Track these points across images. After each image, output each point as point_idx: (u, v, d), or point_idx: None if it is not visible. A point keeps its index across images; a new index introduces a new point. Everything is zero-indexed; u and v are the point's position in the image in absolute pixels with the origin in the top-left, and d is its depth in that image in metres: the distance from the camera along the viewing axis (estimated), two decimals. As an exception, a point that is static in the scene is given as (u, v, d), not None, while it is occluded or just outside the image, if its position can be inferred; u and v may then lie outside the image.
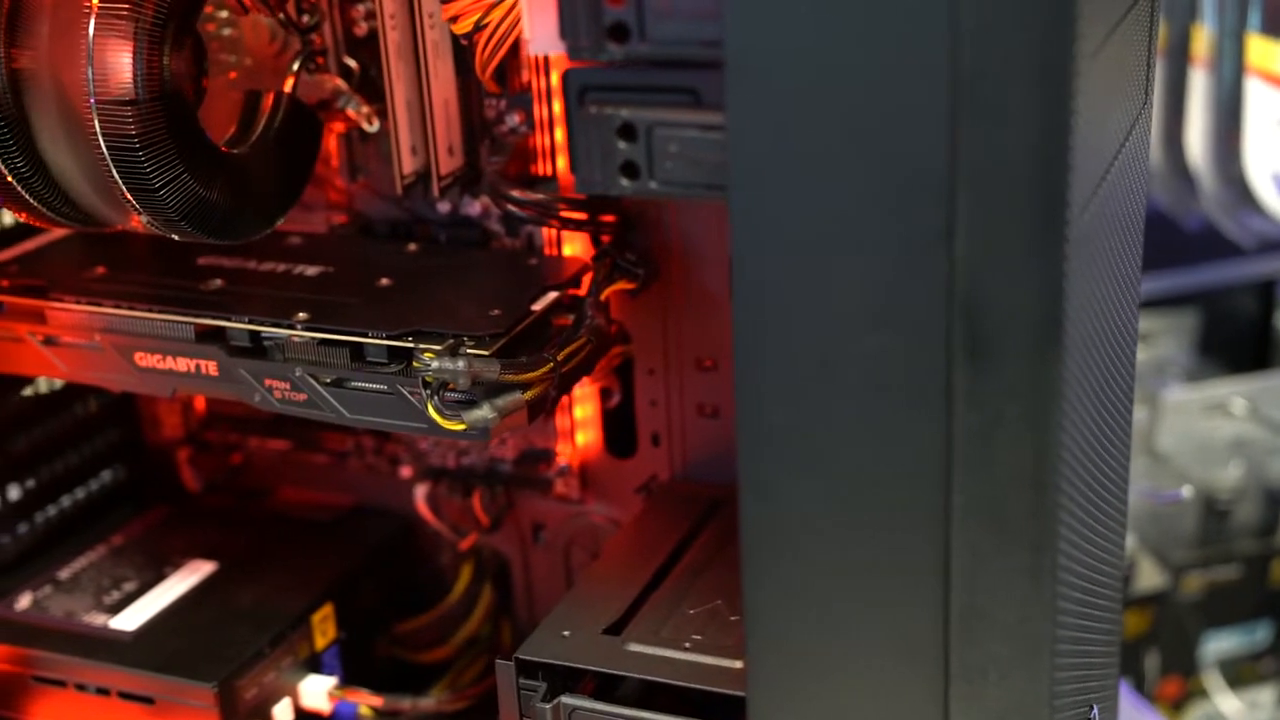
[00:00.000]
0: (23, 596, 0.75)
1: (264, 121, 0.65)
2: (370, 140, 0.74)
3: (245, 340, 0.65)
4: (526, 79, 0.69)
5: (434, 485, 0.79)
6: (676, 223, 0.69)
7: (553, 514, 0.78)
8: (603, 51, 0.47)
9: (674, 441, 0.74)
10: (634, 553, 0.67)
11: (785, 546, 0.49)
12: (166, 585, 0.76)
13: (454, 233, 0.74)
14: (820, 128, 0.44)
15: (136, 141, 0.57)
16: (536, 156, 0.70)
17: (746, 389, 0.47)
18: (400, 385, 0.61)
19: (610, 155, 0.49)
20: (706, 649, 0.59)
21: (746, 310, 0.46)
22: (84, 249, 0.74)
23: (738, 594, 0.63)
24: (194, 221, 0.60)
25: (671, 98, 0.48)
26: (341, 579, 0.77)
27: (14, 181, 0.61)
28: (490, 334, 0.61)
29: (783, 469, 0.48)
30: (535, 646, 0.60)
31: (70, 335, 0.68)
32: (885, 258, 0.44)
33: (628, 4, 0.46)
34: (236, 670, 0.68)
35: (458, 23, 0.62)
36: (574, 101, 0.49)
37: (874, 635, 0.49)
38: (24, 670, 0.71)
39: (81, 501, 0.83)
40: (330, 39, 0.71)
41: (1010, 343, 0.44)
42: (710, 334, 0.71)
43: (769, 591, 0.50)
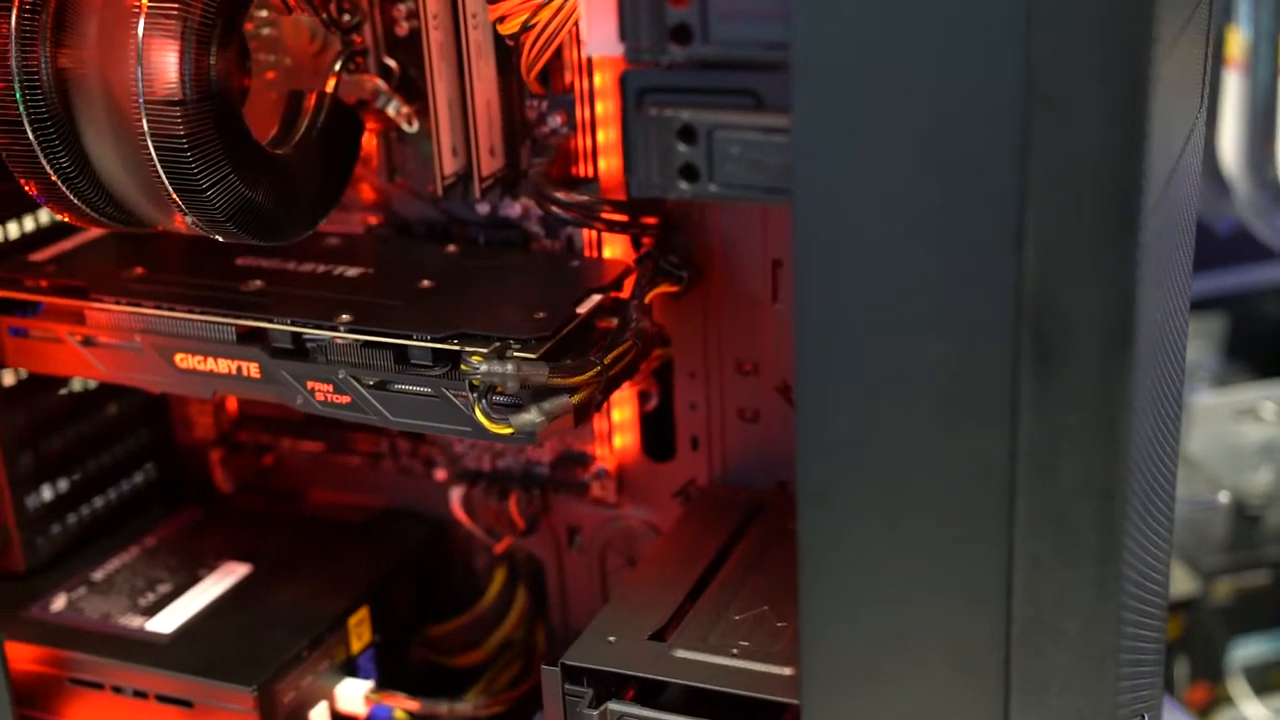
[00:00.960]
0: (57, 598, 0.75)
1: (306, 122, 0.65)
2: (408, 141, 0.74)
3: (287, 342, 0.64)
4: (569, 80, 0.69)
5: (469, 488, 0.79)
6: (718, 225, 0.69)
7: (589, 518, 0.78)
8: (664, 53, 0.47)
9: (713, 445, 0.73)
10: (676, 558, 0.67)
11: (843, 555, 0.48)
12: (202, 587, 0.75)
13: (493, 234, 0.73)
14: (888, 130, 0.43)
15: (185, 142, 0.57)
16: (578, 158, 0.70)
17: (807, 396, 0.47)
18: (445, 388, 0.61)
19: (669, 158, 0.48)
20: (755, 655, 0.59)
21: (809, 316, 0.46)
22: (120, 249, 0.73)
23: (783, 599, 0.63)
24: (239, 222, 0.60)
25: (732, 100, 0.47)
26: (377, 582, 0.76)
27: (58, 181, 0.60)
28: (536, 337, 0.61)
29: (842, 477, 0.47)
30: (581, 652, 0.60)
31: (110, 336, 0.67)
32: (952, 263, 0.44)
33: (691, 5, 0.46)
34: (275, 674, 0.68)
35: (505, 23, 0.62)
36: (632, 103, 0.49)
37: (933, 645, 0.48)
38: (60, 672, 0.70)
39: (113, 502, 0.83)
40: (370, 39, 0.70)
41: (1080, 350, 0.43)
42: (751, 337, 0.71)
43: (825, 600, 0.49)
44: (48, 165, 0.60)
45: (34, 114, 0.58)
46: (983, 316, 0.44)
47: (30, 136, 0.59)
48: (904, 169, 0.43)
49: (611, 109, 0.69)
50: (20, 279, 0.70)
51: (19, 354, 0.70)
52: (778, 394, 0.71)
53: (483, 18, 0.67)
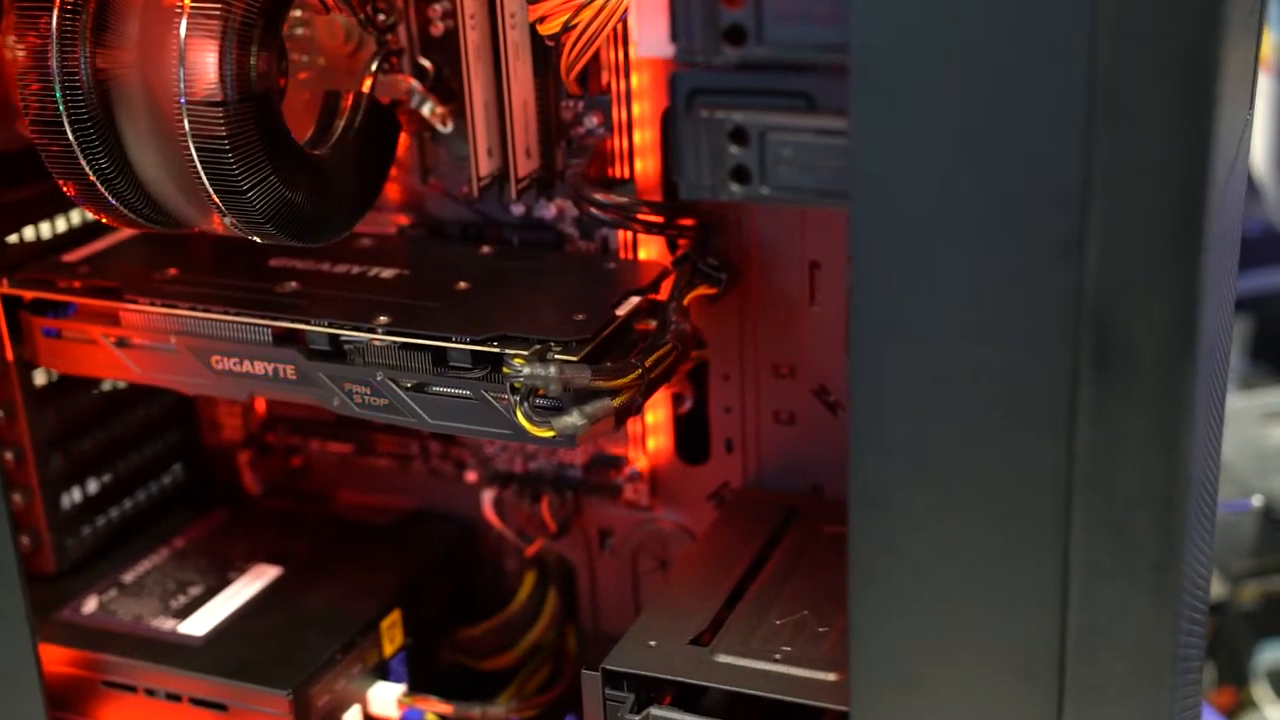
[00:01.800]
0: (89, 600, 0.74)
1: (344, 122, 0.65)
2: (441, 142, 0.73)
3: (324, 344, 0.64)
4: (606, 81, 0.68)
5: (501, 490, 0.78)
6: (755, 227, 0.68)
7: (621, 520, 0.77)
8: (717, 54, 0.46)
9: (748, 448, 0.73)
10: (714, 561, 0.66)
11: (895, 560, 0.48)
12: (233, 590, 0.75)
13: (527, 235, 0.73)
14: (948, 133, 0.43)
15: (226, 143, 0.56)
16: (614, 159, 0.69)
17: (862, 400, 0.46)
18: (485, 391, 0.61)
19: (720, 160, 0.48)
20: (798, 661, 0.58)
21: (864, 320, 0.45)
22: (152, 250, 0.73)
23: (824, 604, 0.62)
24: (279, 224, 0.60)
25: (785, 102, 0.47)
26: (408, 584, 0.76)
27: (96, 181, 0.60)
28: (577, 339, 0.60)
29: (896, 482, 0.47)
30: (622, 656, 0.59)
31: (144, 337, 0.67)
32: (1012, 267, 0.43)
33: (746, 6, 0.45)
34: (310, 677, 0.68)
35: (545, 23, 0.61)
36: (682, 105, 0.48)
37: (986, 653, 0.48)
38: (93, 675, 0.70)
39: (142, 504, 0.82)
40: (405, 39, 0.70)
41: (1141, 355, 0.43)
42: (787, 339, 0.70)
43: (876, 605, 0.49)
44: (87, 166, 0.59)
45: (74, 115, 0.58)
46: (1042, 321, 0.43)
47: (70, 137, 0.58)
48: (963, 172, 0.43)
49: (649, 110, 0.69)
50: (53, 280, 0.70)
51: (52, 355, 0.70)
52: (814, 396, 0.71)
53: (521, 17, 0.66)
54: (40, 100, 0.58)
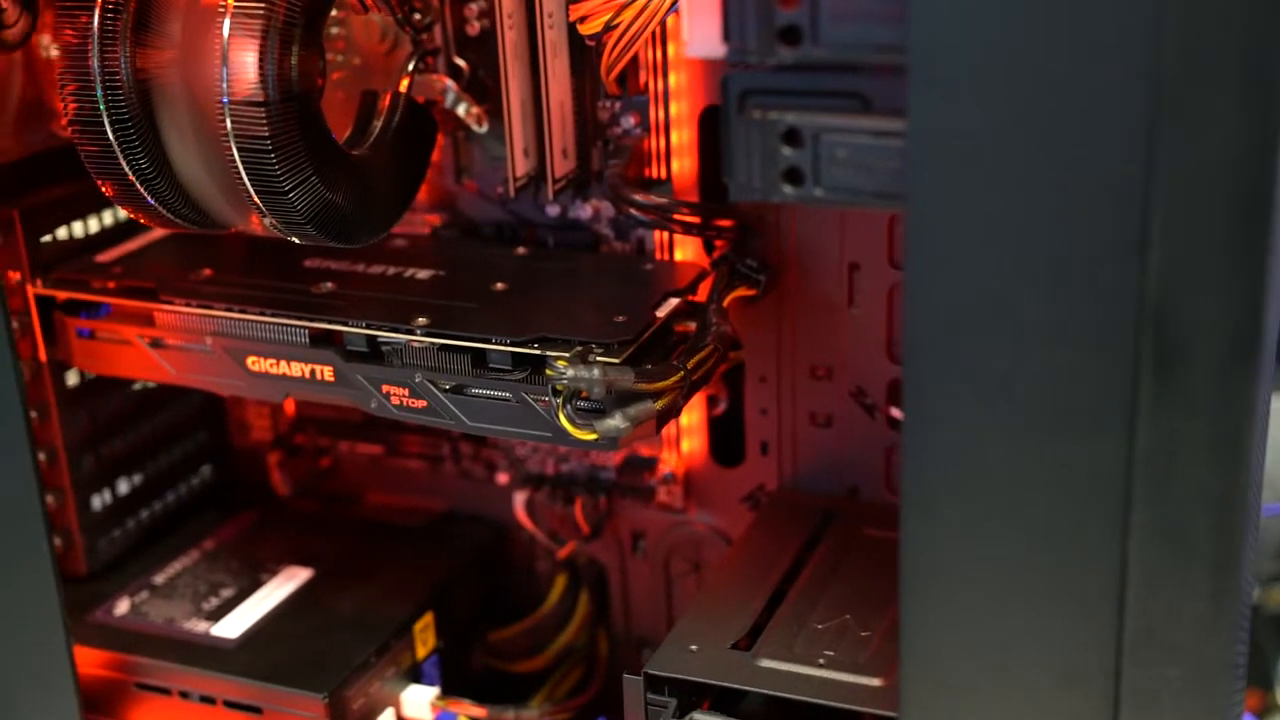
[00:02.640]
0: (120, 601, 0.74)
1: (381, 122, 0.64)
2: (475, 142, 0.73)
3: (362, 345, 0.63)
4: (644, 81, 0.68)
5: (533, 492, 0.78)
6: (794, 228, 0.68)
7: (654, 523, 0.77)
8: (772, 55, 0.46)
9: (783, 450, 0.73)
10: (752, 565, 0.66)
11: (948, 566, 0.48)
12: (264, 592, 0.74)
13: (562, 236, 0.73)
14: (1008, 133, 0.42)
15: (268, 143, 0.56)
16: (651, 159, 0.69)
17: (916, 404, 0.46)
18: (525, 393, 0.60)
19: (772, 161, 0.47)
20: (842, 666, 0.58)
21: (920, 322, 0.45)
22: (185, 250, 0.73)
23: (865, 608, 0.62)
24: (319, 224, 0.59)
25: (839, 103, 0.46)
26: (440, 587, 0.76)
27: (136, 181, 0.59)
28: (619, 341, 0.60)
29: (949, 487, 0.47)
30: (664, 661, 0.59)
31: (180, 338, 0.67)
32: (1073, 270, 0.43)
33: (802, 6, 0.45)
34: (345, 680, 0.67)
35: (586, 23, 0.61)
36: (734, 106, 0.48)
37: (1040, 658, 0.47)
38: (126, 677, 0.70)
39: (171, 505, 0.82)
40: (441, 38, 0.70)
41: (1204, 356, 0.42)
42: (825, 341, 0.70)
43: (927, 610, 0.48)
44: (126, 166, 0.59)
45: (114, 115, 0.58)
46: (1102, 323, 0.43)
47: (110, 137, 0.58)
48: (1023, 173, 0.42)
49: (686, 110, 0.68)
50: (87, 280, 0.70)
51: (86, 356, 0.70)
52: (851, 399, 0.70)
53: (559, 17, 0.66)
54: (80, 100, 0.58)
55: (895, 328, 0.68)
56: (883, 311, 0.68)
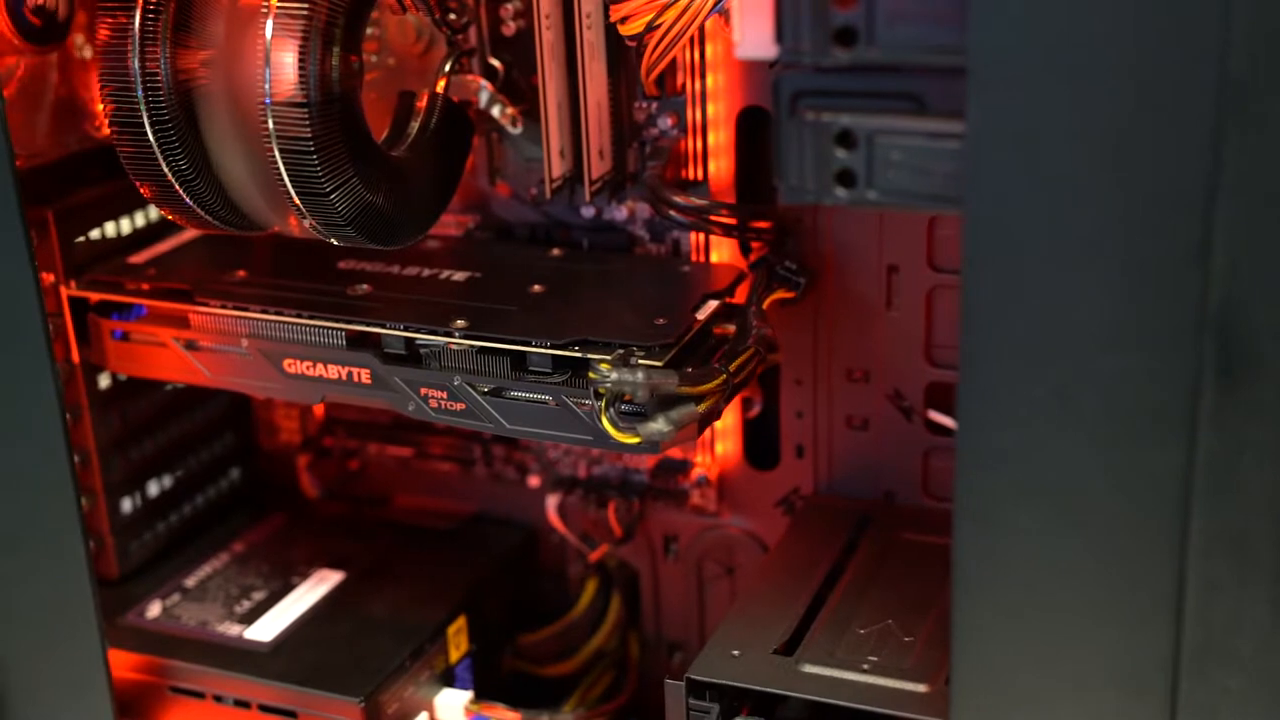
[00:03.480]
0: (152, 604, 0.74)
1: (419, 123, 0.64)
2: (509, 143, 0.72)
3: (400, 347, 0.63)
4: (681, 82, 0.67)
5: (565, 495, 0.78)
6: (831, 230, 0.68)
7: (686, 526, 0.77)
8: (827, 56, 0.45)
9: (819, 454, 0.72)
10: (791, 570, 0.65)
11: (1003, 574, 0.47)
12: (296, 595, 0.74)
13: (597, 237, 0.72)
14: (1070, 136, 0.42)
15: (310, 144, 0.55)
16: (687, 160, 0.69)
17: (971, 409, 0.45)
18: (566, 396, 0.60)
19: (825, 164, 0.47)
20: (886, 671, 0.57)
21: (978, 327, 0.44)
22: (217, 251, 0.72)
23: (907, 613, 0.61)
24: (359, 226, 0.59)
25: (893, 104, 0.46)
26: (472, 590, 0.75)
27: (175, 182, 0.59)
28: (660, 344, 0.59)
29: (1005, 494, 0.46)
30: (706, 666, 0.58)
31: (215, 340, 0.66)
32: (1134, 275, 0.42)
33: (858, 7, 0.44)
34: (380, 684, 0.67)
35: (627, 23, 0.60)
36: (785, 108, 0.47)
37: (1096, 668, 0.47)
38: (160, 680, 0.69)
39: (200, 507, 0.82)
40: (476, 38, 0.69)
41: (1266, 362, 0.42)
42: (863, 344, 0.69)
43: (981, 619, 0.48)
44: (166, 167, 0.58)
45: (154, 116, 0.57)
46: (1164, 328, 0.42)
47: (150, 138, 0.58)
48: (1085, 176, 0.42)
49: (723, 111, 0.68)
50: (121, 282, 0.69)
51: (120, 358, 0.69)
52: (888, 402, 0.70)
53: (596, 18, 0.65)
54: (120, 101, 0.58)
55: (934, 330, 0.68)
56: (921, 314, 0.67)
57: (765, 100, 0.67)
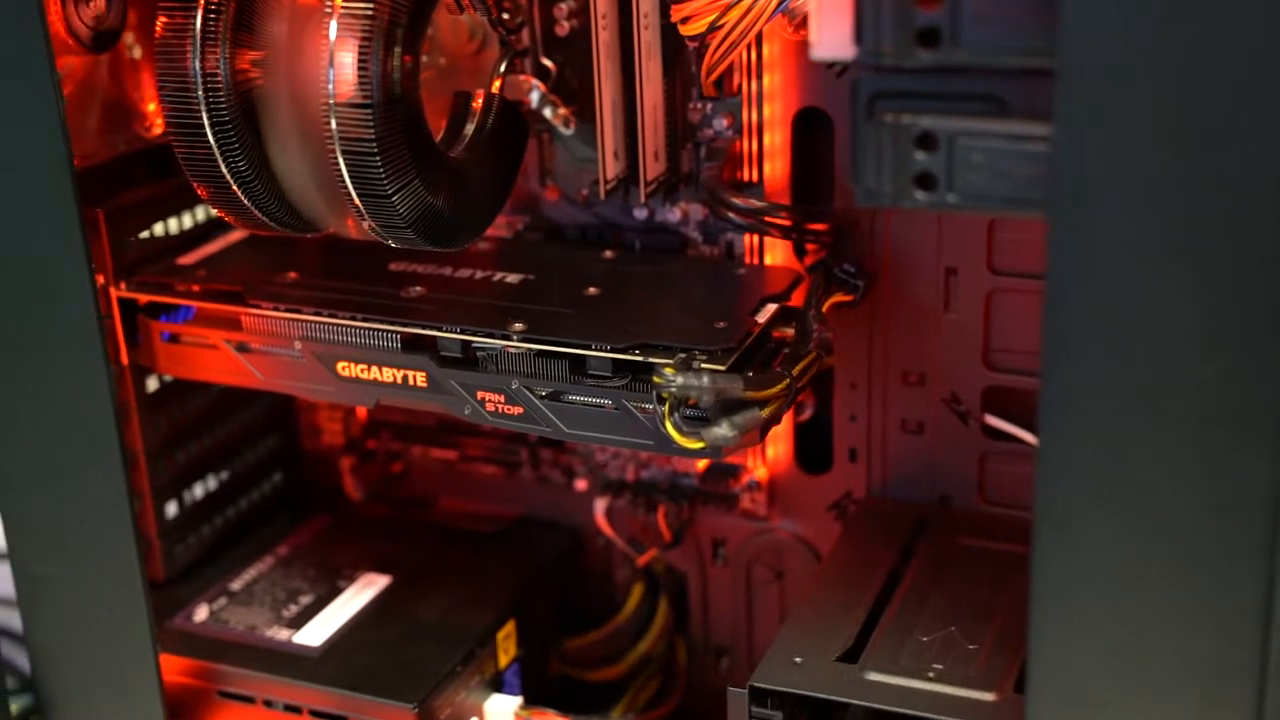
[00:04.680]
0: (199, 608, 0.73)
1: (475, 124, 0.63)
2: (560, 143, 0.72)
3: (456, 350, 0.62)
4: (737, 83, 0.67)
5: (613, 499, 0.77)
6: (889, 232, 0.67)
7: (736, 530, 0.76)
8: (909, 57, 0.45)
9: (872, 457, 0.71)
10: (849, 575, 0.65)
11: (1083, 582, 0.46)
12: (344, 599, 0.74)
13: (649, 239, 0.71)
14: (1161, 139, 0.41)
15: (374, 145, 0.55)
16: (742, 162, 0.68)
17: (1053, 415, 0.45)
18: (627, 400, 0.59)
19: (904, 166, 0.46)
20: (952, 679, 0.57)
21: (1060, 333, 0.44)
22: (265, 253, 0.72)
23: (969, 620, 0.61)
24: (419, 228, 0.58)
25: (974, 106, 0.45)
26: (520, 594, 0.74)
27: (233, 183, 0.59)
28: (722, 348, 0.59)
29: (1088, 502, 0.45)
30: (769, 674, 0.58)
31: (268, 342, 0.66)
32: (1224, 280, 0.42)
33: (943, 8, 0.44)
34: (433, 689, 0.66)
35: (689, 24, 0.60)
36: (863, 109, 0.47)
37: (1179, 679, 0.46)
38: (209, 685, 0.69)
39: (243, 510, 0.81)
40: (528, 38, 0.69)
41: (1363, 371, 0.41)
42: (919, 347, 0.68)
43: (1059, 628, 0.47)
44: (225, 169, 0.58)
45: (214, 117, 0.57)
46: (1251, 333, 0.42)
47: (210, 140, 0.57)
48: (1173, 179, 0.41)
49: (779, 112, 0.67)
50: (171, 283, 0.69)
51: (170, 360, 0.69)
52: (944, 405, 0.69)
53: (653, 18, 0.65)
54: (178, 102, 0.57)
55: (993, 333, 0.67)
56: (980, 317, 0.67)
57: (822, 101, 0.66)
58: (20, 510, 0.65)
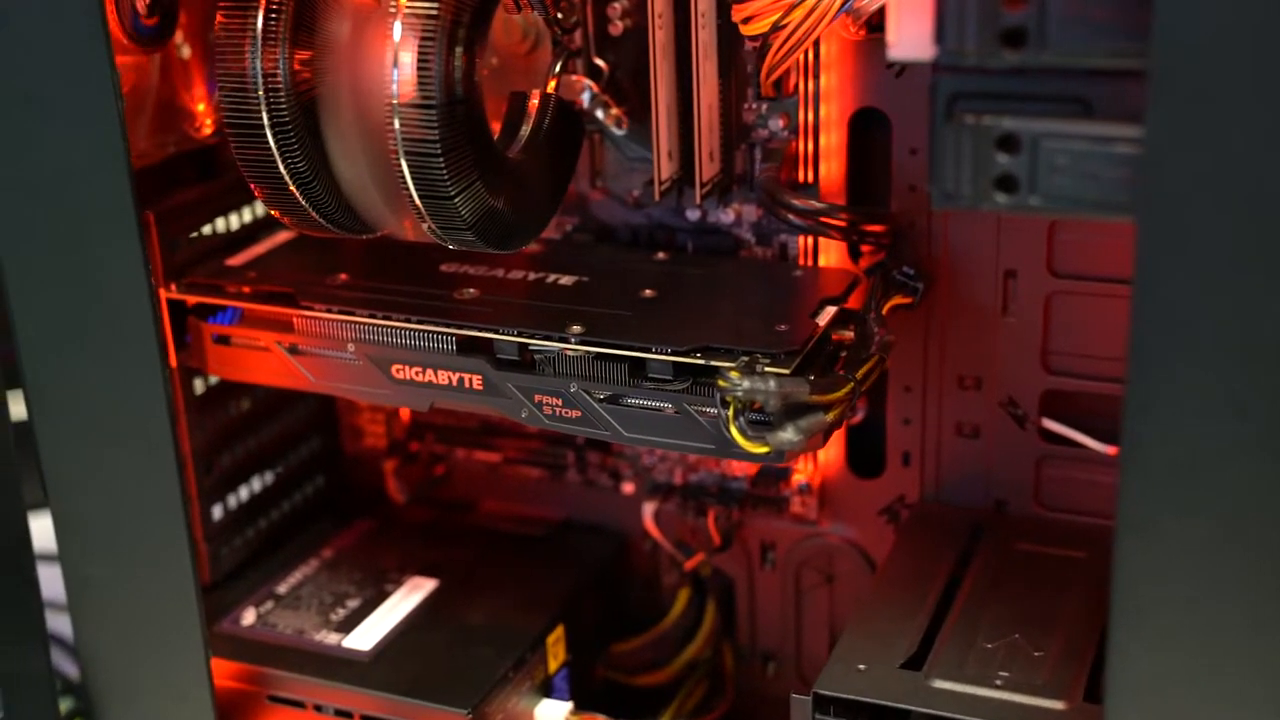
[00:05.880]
0: (246, 612, 0.73)
1: (532, 124, 0.63)
2: (610, 144, 0.71)
3: (513, 353, 0.62)
4: (793, 83, 0.66)
5: (662, 502, 0.76)
6: (947, 234, 0.66)
7: (785, 534, 0.75)
8: (995, 58, 0.44)
9: (926, 462, 0.71)
10: (907, 580, 0.64)
11: (1167, 592, 0.46)
12: (392, 603, 0.73)
13: (701, 240, 0.71)
14: (1256, 141, 0.40)
15: (438, 146, 0.54)
16: (797, 163, 0.67)
17: (1140, 420, 0.44)
18: (688, 404, 0.58)
19: (985, 168, 0.45)
20: (1020, 687, 0.56)
21: (1148, 338, 0.43)
22: (313, 254, 0.71)
23: (1033, 627, 0.60)
24: (480, 230, 0.58)
25: (1058, 107, 0.44)
26: (568, 598, 0.74)
27: (290, 182, 0.58)
28: (786, 351, 0.58)
29: (1174, 509, 0.45)
30: (832, 681, 0.57)
31: (321, 344, 0.65)
32: (1322, 284, 0.41)
33: (1029, 8, 0.43)
34: (486, 695, 0.66)
35: (751, 23, 0.59)
36: (942, 110, 0.46)
37: (1263, 690, 0.45)
38: (259, 689, 0.68)
39: (286, 512, 0.81)
40: (581, 38, 0.68)
41: None
42: (976, 351, 0.68)
43: (1140, 636, 0.46)
44: (283, 169, 0.57)
45: (274, 118, 0.56)
46: (1350, 340, 0.41)
47: (270, 141, 0.57)
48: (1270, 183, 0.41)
49: (835, 113, 0.66)
50: (221, 285, 0.68)
51: (221, 362, 0.68)
52: (1001, 409, 0.68)
53: (710, 17, 0.64)
54: (237, 102, 0.57)
55: (1052, 337, 0.66)
56: (1039, 320, 0.66)
57: (880, 102, 0.66)
58: (72, 512, 0.64)
